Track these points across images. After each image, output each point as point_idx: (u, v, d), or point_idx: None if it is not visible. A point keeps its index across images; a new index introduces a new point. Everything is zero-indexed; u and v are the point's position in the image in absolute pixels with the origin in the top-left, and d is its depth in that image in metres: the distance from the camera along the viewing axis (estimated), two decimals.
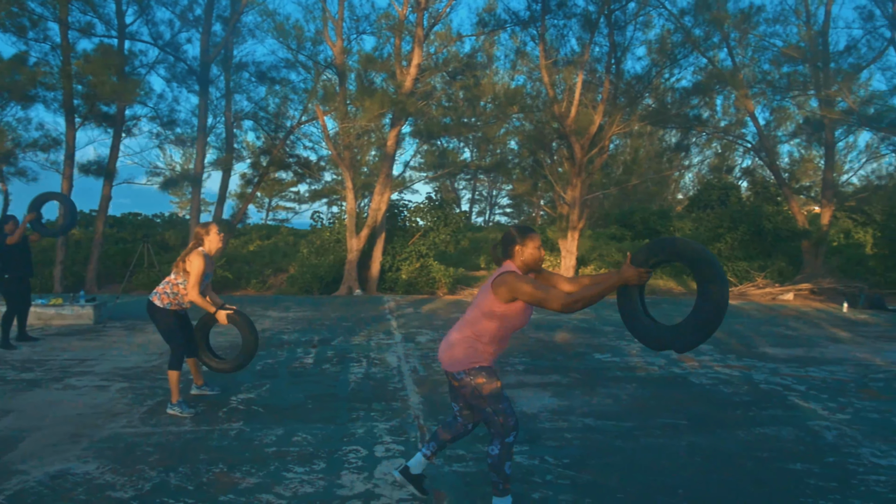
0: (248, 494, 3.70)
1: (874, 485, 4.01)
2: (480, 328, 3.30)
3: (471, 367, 3.29)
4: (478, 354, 3.30)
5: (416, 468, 3.61)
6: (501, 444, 3.29)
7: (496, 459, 3.30)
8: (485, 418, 3.33)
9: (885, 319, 12.64)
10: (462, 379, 3.30)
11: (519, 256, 3.33)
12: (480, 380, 3.28)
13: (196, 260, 5.19)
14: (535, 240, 3.33)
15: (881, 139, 20.01)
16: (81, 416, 5.21)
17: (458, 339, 3.35)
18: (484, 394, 3.27)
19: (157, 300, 5.32)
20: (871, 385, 6.76)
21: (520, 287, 3.15)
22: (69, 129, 16.22)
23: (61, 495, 3.66)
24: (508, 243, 3.36)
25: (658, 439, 4.84)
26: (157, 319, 5.34)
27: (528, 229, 3.37)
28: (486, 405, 3.28)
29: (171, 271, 5.40)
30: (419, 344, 8.87)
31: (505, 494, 3.34)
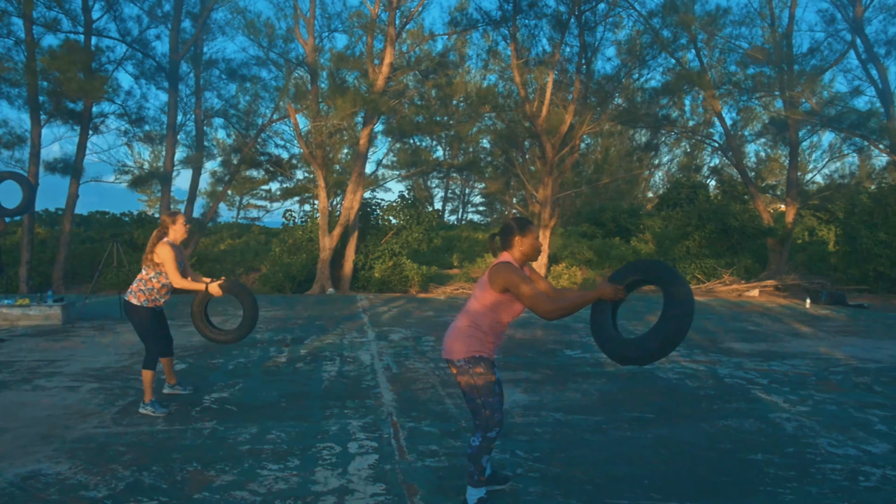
0: (222, 492, 3.73)
1: (830, 473, 4.18)
2: (479, 317, 3.41)
3: (471, 355, 3.38)
4: (478, 343, 3.40)
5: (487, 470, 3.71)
6: (483, 437, 3.37)
7: (475, 450, 3.39)
8: (473, 408, 3.41)
9: (845, 315, 13.03)
10: (461, 367, 3.39)
11: (518, 247, 3.45)
12: (479, 370, 3.37)
13: (163, 250, 5.20)
14: (533, 231, 3.46)
15: (843, 139, 20.58)
16: (52, 416, 5.17)
17: (459, 328, 3.46)
18: (479, 384, 3.37)
19: (132, 298, 5.30)
20: (830, 378, 7.00)
21: (513, 280, 3.26)
22: (34, 127, 15.93)
23: (33, 495, 3.66)
24: (508, 234, 3.47)
25: (625, 432, 4.97)
26: (133, 318, 5.32)
27: (528, 221, 3.49)
28: (478, 396, 3.37)
29: (142, 267, 5.38)
30: (392, 342, 8.93)
31: (479, 486, 3.43)
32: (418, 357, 7.85)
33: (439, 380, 6.63)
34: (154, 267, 5.26)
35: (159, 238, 5.32)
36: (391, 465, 4.20)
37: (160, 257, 5.21)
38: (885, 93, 17.37)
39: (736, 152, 21.03)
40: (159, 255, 5.21)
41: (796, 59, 18.57)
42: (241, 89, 19.10)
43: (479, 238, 27.76)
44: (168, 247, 5.23)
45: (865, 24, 17.61)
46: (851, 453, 4.57)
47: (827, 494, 3.83)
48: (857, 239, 17.67)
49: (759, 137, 26.28)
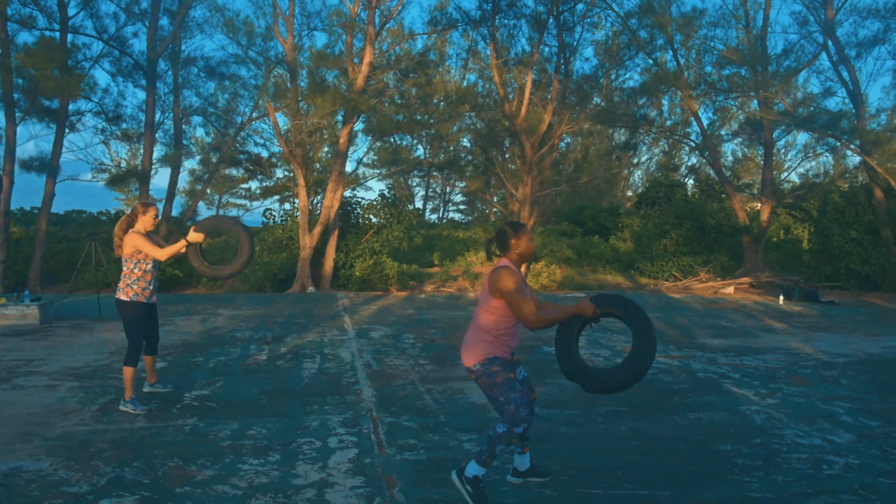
0: (203, 486, 3.79)
1: (795, 462, 4.34)
2: (485, 322, 3.54)
3: (485, 357, 3.50)
4: (489, 347, 3.52)
5: (522, 464, 3.82)
6: (508, 429, 3.46)
7: (496, 436, 3.47)
8: (497, 407, 3.52)
9: (817, 311, 13.32)
10: (478, 370, 3.51)
11: (514, 250, 3.61)
12: (495, 368, 3.49)
13: (133, 238, 5.23)
14: (527, 233, 3.64)
15: (817, 139, 20.98)
16: (32, 415, 5.19)
17: (470, 336, 3.59)
18: (498, 382, 3.48)
19: (122, 295, 5.32)
20: (799, 372, 7.19)
21: (506, 285, 3.42)
22: (9, 124, 15.75)
23: (14, 492, 3.69)
24: (504, 238, 3.63)
25: (600, 425, 5.10)
26: (122, 314, 5.33)
27: (521, 225, 3.68)
28: (500, 394, 3.47)
29: (122, 263, 5.39)
30: (372, 339, 9.00)
31: (483, 466, 3.50)
32: (398, 354, 7.93)
33: (419, 376, 6.72)
34: (132, 256, 5.28)
35: (127, 226, 5.34)
36: (370, 458, 4.28)
37: (133, 245, 5.24)
38: (856, 94, 17.75)
39: (712, 152, 21.35)
40: (131, 244, 5.25)
41: (770, 61, 18.90)
42: (220, 88, 19.06)
43: (459, 237, 27.87)
44: (137, 234, 5.26)
45: (837, 26, 17.98)
46: (816, 443, 4.73)
47: (792, 482, 3.98)
48: (829, 237, 18.05)
49: (735, 137, 26.71)
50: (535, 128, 17.84)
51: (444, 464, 4.18)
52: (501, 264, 3.56)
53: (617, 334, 9.67)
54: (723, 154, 31.14)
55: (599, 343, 8.92)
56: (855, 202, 18.61)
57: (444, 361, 7.49)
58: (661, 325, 10.71)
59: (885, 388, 6.45)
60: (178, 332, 9.31)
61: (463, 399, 5.82)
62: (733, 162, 34.45)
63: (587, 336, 9.40)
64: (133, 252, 5.28)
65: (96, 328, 9.58)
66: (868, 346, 9.01)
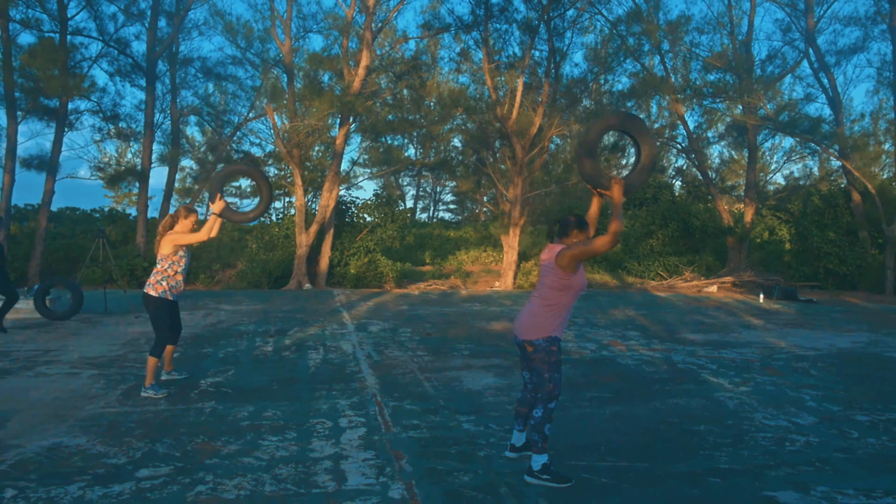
0: (230, 458, 4.22)
1: (761, 440, 4.82)
2: (552, 300, 3.98)
3: (548, 335, 3.95)
4: (552, 325, 3.97)
5: (518, 440, 4.30)
6: (545, 408, 3.92)
7: (538, 421, 3.92)
8: (539, 381, 3.97)
9: (795, 309, 13.88)
10: (539, 345, 3.95)
11: (573, 238, 4.02)
12: (554, 348, 3.95)
13: (173, 237, 5.62)
14: (588, 233, 4.08)
15: (800, 143, 21.59)
16: (59, 399, 5.58)
17: (535, 312, 4.01)
18: (552, 361, 3.95)
19: (151, 291, 5.69)
20: (773, 364, 7.70)
21: (573, 253, 3.86)
22: (10, 123, 16.03)
23: (60, 463, 4.10)
24: (568, 227, 4.06)
25: (585, 409, 5.56)
26: (150, 308, 5.70)
27: (586, 222, 4.10)
28: (548, 371, 3.94)
29: (157, 261, 5.77)
30: (371, 333, 9.43)
31: (542, 452, 3.93)
32: (397, 346, 8.37)
33: (417, 366, 7.16)
34: (168, 257, 5.68)
35: (169, 228, 5.74)
36: (378, 436, 4.73)
37: (173, 243, 5.62)
38: (835, 100, 18.36)
39: (698, 154, 21.92)
40: (171, 244, 5.62)
41: (754, 67, 19.47)
42: (218, 88, 19.37)
43: (450, 236, 28.35)
44: (176, 233, 5.66)
45: (817, 34, 18.58)
46: (782, 424, 5.22)
47: (756, 456, 4.46)
48: (809, 238, 18.66)
49: (720, 140, 27.30)
50: (526, 130, 18.29)
51: (446, 441, 4.63)
52: (563, 247, 3.98)
53: (602, 329, 10.16)
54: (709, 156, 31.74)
55: (585, 337, 9.40)
56: (834, 205, 19.23)
57: (440, 353, 7.94)
58: (646, 322, 11.22)
59: (850, 379, 6.96)
60: (185, 326, 9.67)
61: (459, 386, 6.27)
62: (720, 164, 35.07)
63: (574, 330, 9.88)
64: (170, 253, 5.66)
65: (104, 322, 9.95)
66: (839, 341, 9.55)
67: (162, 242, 5.70)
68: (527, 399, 4.29)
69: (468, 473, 4.04)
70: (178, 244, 5.66)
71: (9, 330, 8.97)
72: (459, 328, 10.12)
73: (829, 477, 4.10)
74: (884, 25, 18.36)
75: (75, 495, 3.60)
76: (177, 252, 5.72)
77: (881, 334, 10.35)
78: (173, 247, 5.66)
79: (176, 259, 5.72)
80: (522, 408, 4.29)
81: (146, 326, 9.61)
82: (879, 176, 19.45)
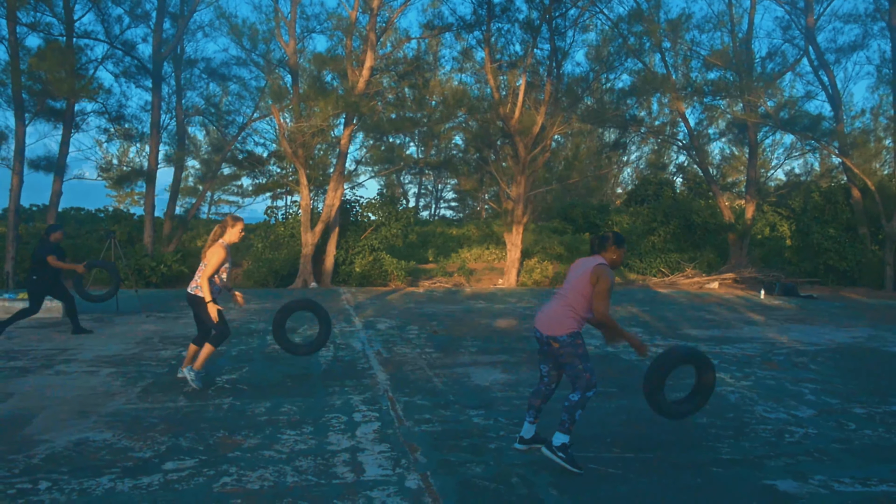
0: (251, 451, 4.40)
1: (761, 432, 5.00)
2: (577, 302, 4.25)
3: (571, 331, 4.21)
4: (576, 323, 4.24)
5: (528, 433, 4.49)
6: (582, 395, 4.17)
7: (573, 404, 4.17)
8: (574, 374, 4.22)
9: (795, 304, 14.05)
10: (565, 341, 4.21)
11: (610, 254, 4.33)
12: (579, 341, 4.22)
13: (218, 251, 5.81)
14: (625, 248, 4.40)
15: (801, 140, 21.73)
16: (80, 396, 5.76)
17: (560, 310, 4.28)
18: (580, 353, 4.21)
19: (199, 292, 5.87)
20: (773, 359, 7.87)
21: (604, 279, 4.17)
22: (18, 125, 16.20)
23: (89, 456, 4.28)
24: (606, 242, 4.37)
25: (591, 403, 5.72)
26: (200, 307, 5.89)
27: (624, 238, 4.43)
28: (580, 363, 4.20)
29: (202, 261, 5.95)
30: (379, 331, 9.61)
31: (566, 433, 4.18)
32: (405, 344, 8.55)
33: (426, 363, 7.34)
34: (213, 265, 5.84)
35: (218, 237, 5.94)
36: (392, 429, 4.91)
37: (211, 256, 5.81)
38: (835, 98, 18.50)
39: (699, 151, 22.06)
40: (212, 255, 5.81)
41: (754, 65, 19.60)
42: (223, 89, 19.54)
43: (453, 234, 28.51)
44: (223, 250, 5.83)
45: (817, 32, 18.71)
46: (782, 417, 5.39)
47: (756, 447, 4.63)
48: (809, 234, 18.81)
49: (721, 137, 27.42)
50: (529, 129, 18.45)
51: (457, 434, 4.81)
52: (602, 261, 4.27)
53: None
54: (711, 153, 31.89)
55: (589, 333, 9.57)
56: (834, 201, 19.38)
57: (448, 350, 8.12)
58: (648, 318, 11.40)
59: (848, 373, 7.14)
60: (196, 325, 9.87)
61: (468, 381, 6.45)
62: (721, 160, 35.23)
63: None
64: (217, 263, 5.83)
65: (117, 321, 10.14)
66: (839, 336, 9.72)
67: (209, 252, 5.85)
68: (541, 391, 4.49)
69: (480, 465, 4.21)
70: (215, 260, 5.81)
71: (23, 329, 9.16)
72: (466, 325, 10.30)
73: (827, 466, 4.28)
74: (883, 23, 18.49)
75: (107, 487, 3.78)
76: (223, 264, 5.94)
77: (880, 329, 10.51)
78: (217, 260, 5.82)
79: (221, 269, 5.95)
80: (536, 400, 4.49)
81: (158, 325, 9.80)
82: (880, 172, 19.60)
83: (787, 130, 19.20)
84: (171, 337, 8.80)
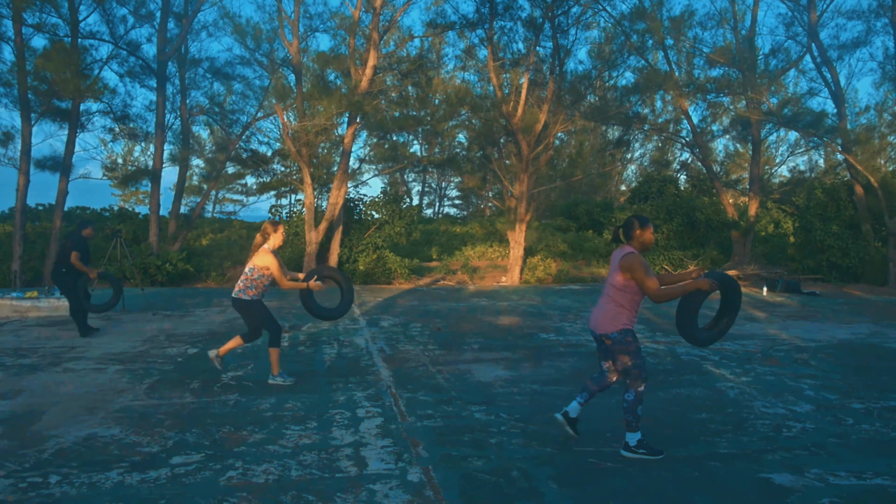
0: (257, 446, 4.48)
1: (760, 427, 5.06)
2: (619, 297, 4.35)
3: (622, 328, 4.31)
4: (624, 318, 4.33)
5: (573, 412, 4.64)
6: (636, 392, 4.30)
7: (631, 404, 4.30)
8: (626, 370, 4.34)
9: (798, 301, 14.08)
10: (616, 338, 4.33)
11: (638, 239, 4.39)
12: (629, 338, 4.32)
13: (267, 257, 5.92)
14: (650, 227, 4.43)
15: (805, 136, 21.72)
16: (89, 393, 5.85)
17: (608, 308, 4.39)
18: (631, 350, 4.31)
19: (244, 296, 5.98)
20: (773, 355, 7.92)
21: (636, 266, 4.22)
22: (25, 125, 16.31)
23: (98, 451, 4.37)
24: (631, 228, 4.45)
25: (592, 399, 5.79)
26: (249, 312, 6.01)
27: (646, 219, 4.47)
28: (631, 359, 4.31)
29: (247, 268, 6.06)
30: (383, 328, 9.69)
31: (636, 430, 4.32)
32: (408, 341, 8.63)
33: (429, 359, 7.42)
34: (260, 269, 5.96)
35: (262, 244, 6.03)
36: (395, 425, 4.98)
37: (266, 265, 5.93)
38: (838, 94, 18.49)
39: (702, 148, 22.06)
40: (265, 263, 5.92)
41: (757, 62, 19.59)
42: (227, 88, 19.61)
43: (456, 231, 28.58)
44: (271, 255, 5.94)
45: (820, 29, 18.69)
46: (780, 412, 5.45)
47: (755, 442, 4.70)
48: (812, 231, 18.82)
49: (725, 134, 27.40)
50: (532, 127, 18.48)
51: (459, 429, 4.88)
52: (627, 250, 4.35)
53: None
54: (714, 150, 31.88)
55: None
56: (837, 198, 19.38)
57: (451, 347, 8.19)
58: (650, 315, 11.45)
59: (848, 369, 7.19)
60: (202, 322, 9.99)
61: (471, 378, 6.52)
62: (725, 157, 35.18)
63: (581, 324, 10.13)
64: (263, 266, 5.95)
65: (123, 319, 10.24)
66: (840, 332, 9.76)
67: (259, 259, 5.95)
68: (599, 380, 4.64)
69: (481, 459, 4.29)
70: (269, 267, 5.94)
71: (31, 327, 9.27)
72: (468, 323, 10.37)
73: (823, 460, 4.34)
74: (886, 19, 18.47)
75: (115, 480, 3.87)
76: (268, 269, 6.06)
77: (882, 326, 10.55)
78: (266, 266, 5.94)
79: (267, 272, 6.03)
80: (593, 385, 4.66)
81: (165, 323, 9.90)
82: (885, 168, 19.57)
83: (791, 127, 19.19)
84: (178, 335, 8.90)
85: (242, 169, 22.64)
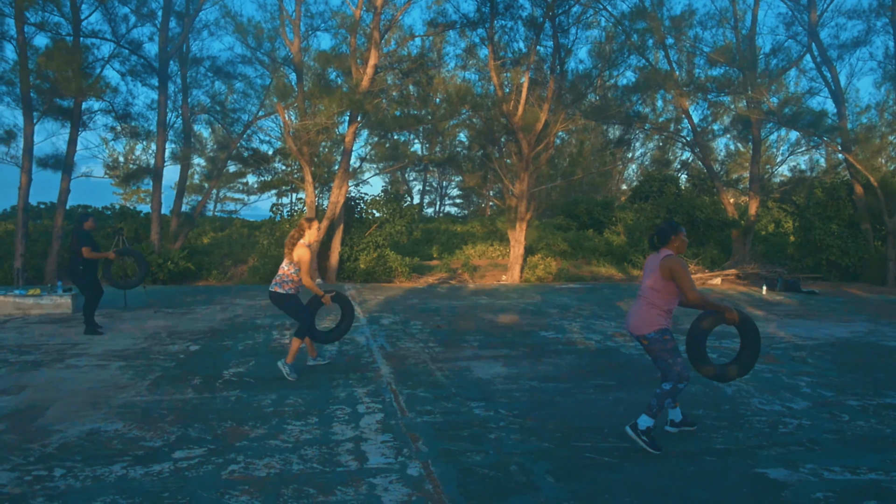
0: (258, 441, 4.54)
1: (756, 423, 5.11)
2: (656, 298, 4.47)
3: (659, 328, 4.43)
4: (661, 319, 4.45)
5: (676, 416, 4.84)
6: (674, 385, 4.42)
7: (664, 392, 4.43)
8: (664, 368, 4.46)
9: (797, 300, 14.12)
10: (653, 338, 4.44)
11: (674, 243, 4.54)
12: (667, 337, 4.44)
13: (302, 251, 6.11)
14: (683, 232, 4.60)
15: (805, 136, 21.75)
16: (92, 389, 5.91)
17: (642, 310, 4.52)
18: (669, 348, 4.44)
19: (280, 289, 6.20)
20: (771, 353, 7.97)
21: (677, 269, 4.37)
22: (27, 124, 16.37)
23: (101, 446, 4.43)
24: (666, 234, 4.58)
25: (590, 395, 5.86)
26: (286, 305, 6.24)
27: (678, 224, 4.63)
28: (669, 357, 4.43)
29: (284, 263, 6.27)
30: (383, 325, 9.75)
31: (653, 417, 4.41)
32: (408, 338, 8.68)
33: (429, 357, 7.47)
34: (294, 263, 6.18)
35: (298, 238, 6.23)
36: (395, 420, 5.04)
37: (299, 258, 6.13)
38: (837, 94, 18.52)
39: (703, 148, 22.10)
40: (299, 256, 6.13)
41: (757, 61, 19.62)
42: (228, 87, 19.67)
43: (457, 230, 28.63)
44: (307, 250, 6.16)
45: (820, 28, 18.72)
46: (776, 409, 5.51)
47: (750, 437, 4.75)
48: (812, 230, 18.86)
49: (725, 133, 27.42)
50: (532, 126, 18.51)
51: (458, 425, 4.94)
52: (667, 253, 4.48)
53: (608, 321, 10.45)
54: (715, 150, 31.89)
55: (591, 328, 9.69)
56: (836, 197, 19.41)
57: (450, 344, 8.25)
58: None
59: (844, 366, 7.24)
60: (203, 320, 10.04)
61: (470, 375, 6.58)
62: (725, 156, 35.18)
63: (581, 322, 10.18)
64: (297, 260, 6.14)
65: (125, 316, 10.30)
66: (837, 330, 9.81)
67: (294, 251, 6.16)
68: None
69: (480, 454, 4.35)
70: (302, 261, 6.13)
71: (34, 324, 9.33)
72: (468, 321, 10.42)
73: (818, 456, 4.39)
74: (886, 18, 18.50)
75: (119, 474, 3.93)
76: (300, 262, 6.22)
77: (879, 324, 10.59)
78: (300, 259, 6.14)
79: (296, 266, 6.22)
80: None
81: (166, 321, 9.95)
82: (885, 167, 19.61)
83: (791, 127, 19.22)
84: (179, 332, 8.95)
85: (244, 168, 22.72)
